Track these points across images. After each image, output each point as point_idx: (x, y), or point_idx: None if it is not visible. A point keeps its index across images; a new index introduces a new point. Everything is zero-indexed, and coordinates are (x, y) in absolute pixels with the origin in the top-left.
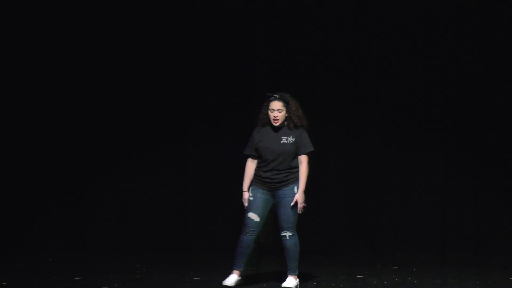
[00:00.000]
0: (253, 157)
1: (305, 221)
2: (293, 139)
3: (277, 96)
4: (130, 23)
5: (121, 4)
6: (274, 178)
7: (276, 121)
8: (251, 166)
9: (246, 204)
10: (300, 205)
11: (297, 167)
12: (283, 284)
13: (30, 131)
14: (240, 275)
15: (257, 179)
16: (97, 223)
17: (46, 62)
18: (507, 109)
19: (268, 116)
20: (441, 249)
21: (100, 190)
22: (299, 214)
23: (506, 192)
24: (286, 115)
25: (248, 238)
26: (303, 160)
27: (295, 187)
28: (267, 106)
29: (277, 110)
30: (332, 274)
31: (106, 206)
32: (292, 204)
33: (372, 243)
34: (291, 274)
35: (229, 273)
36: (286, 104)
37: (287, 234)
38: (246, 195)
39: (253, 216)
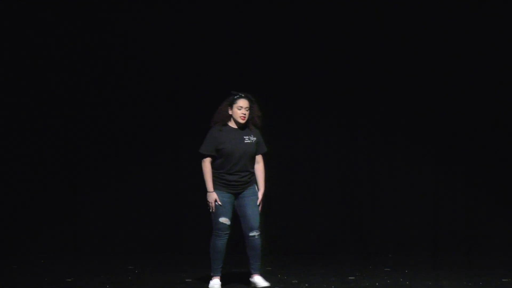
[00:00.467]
0: (212, 157)
1: (297, 222)
2: (255, 138)
3: (243, 95)
4: (123, 25)
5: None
6: (241, 180)
7: (243, 117)
8: (210, 166)
9: (213, 204)
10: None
11: (253, 167)
12: (260, 285)
13: (23, 133)
14: (220, 280)
15: (220, 183)
16: (89, 224)
17: (36, 63)
18: (497, 109)
19: (229, 114)
20: (433, 250)
21: (92, 192)
22: None
23: (497, 193)
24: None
25: (222, 242)
26: (260, 160)
27: (255, 186)
28: (232, 103)
29: (245, 108)
30: (324, 275)
31: (98, 207)
32: (258, 203)
33: (364, 244)
34: (257, 273)
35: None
36: (252, 104)
37: (256, 233)
38: (214, 195)
39: (225, 220)
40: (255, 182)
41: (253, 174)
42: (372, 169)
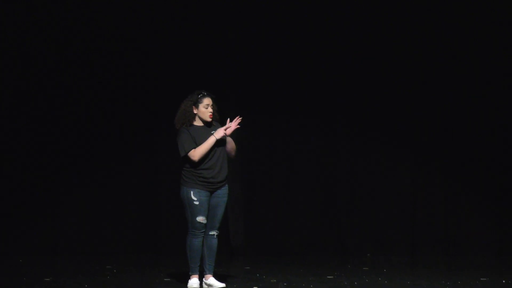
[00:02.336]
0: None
1: (276, 222)
2: None
3: (206, 93)
4: (116, 29)
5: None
6: (217, 176)
7: (212, 116)
8: None
9: (227, 127)
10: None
11: (226, 160)
12: (217, 286)
13: (2, 133)
14: (199, 278)
15: (198, 181)
16: (67, 224)
17: (16, 62)
18: (475, 110)
19: (194, 113)
20: (411, 250)
21: (70, 192)
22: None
23: (475, 194)
24: None
25: (199, 240)
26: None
27: (227, 187)
28: (198, 102)
29: (211, 106)
30: (302, 275)
31: (77, 208)
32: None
33: (342, 244)
34: (211, 274)
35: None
36: (213, 101)
37: (216, 233)
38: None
39: (202, 219)
40: (227, 181)
41: (226, 170)
42: (351, 170)
